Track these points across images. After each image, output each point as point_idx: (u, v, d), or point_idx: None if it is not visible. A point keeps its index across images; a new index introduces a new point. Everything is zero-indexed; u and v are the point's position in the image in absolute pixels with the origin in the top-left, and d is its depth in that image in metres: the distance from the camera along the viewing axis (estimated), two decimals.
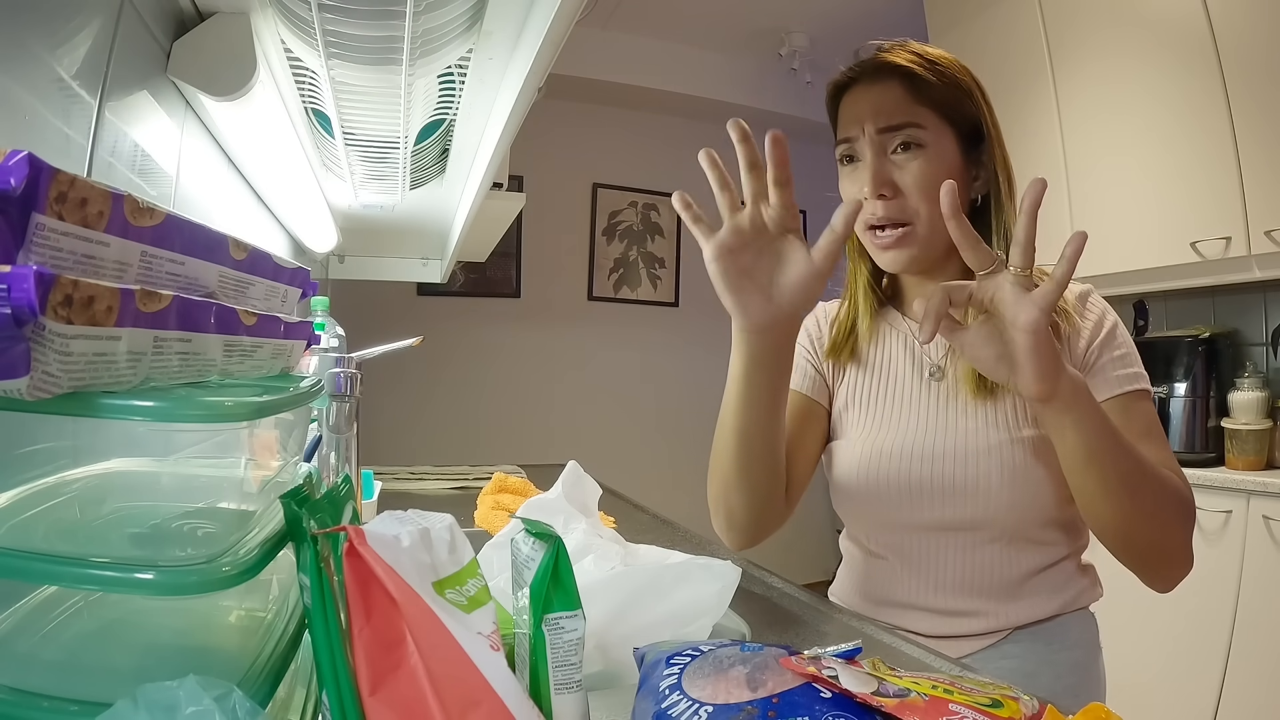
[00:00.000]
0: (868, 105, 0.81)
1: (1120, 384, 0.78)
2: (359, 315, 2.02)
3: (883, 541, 0.86)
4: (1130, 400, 0.78)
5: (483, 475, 1.60)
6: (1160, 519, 0.71)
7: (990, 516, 0.78)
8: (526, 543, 0.43)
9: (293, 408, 0.40)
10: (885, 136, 0.79)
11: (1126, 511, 0.69)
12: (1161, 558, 0.74)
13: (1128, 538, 0.72)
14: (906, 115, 0.79)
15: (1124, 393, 0.78)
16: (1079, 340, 0.80)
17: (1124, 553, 0.73)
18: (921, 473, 0.81)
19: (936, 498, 0.80)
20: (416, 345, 0.97)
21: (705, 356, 3.68)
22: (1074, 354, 0.80)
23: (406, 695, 0.30)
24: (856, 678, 0.38)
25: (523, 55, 0.76)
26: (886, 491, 0.82)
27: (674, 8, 3.08)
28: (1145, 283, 2.06)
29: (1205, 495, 1.77)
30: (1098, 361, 0.79)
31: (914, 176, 0.79)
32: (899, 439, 0.83)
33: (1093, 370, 0.79)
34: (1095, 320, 0.81)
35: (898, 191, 0.79)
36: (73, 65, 0.59)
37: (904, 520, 0.82)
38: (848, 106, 0.83)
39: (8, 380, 0.26)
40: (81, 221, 0.29)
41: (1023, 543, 0.80)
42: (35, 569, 0.31)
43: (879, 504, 0.83)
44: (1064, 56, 2.22)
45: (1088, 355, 0.80)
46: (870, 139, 0.79)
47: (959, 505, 0.79)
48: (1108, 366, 0.79)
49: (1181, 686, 1.78)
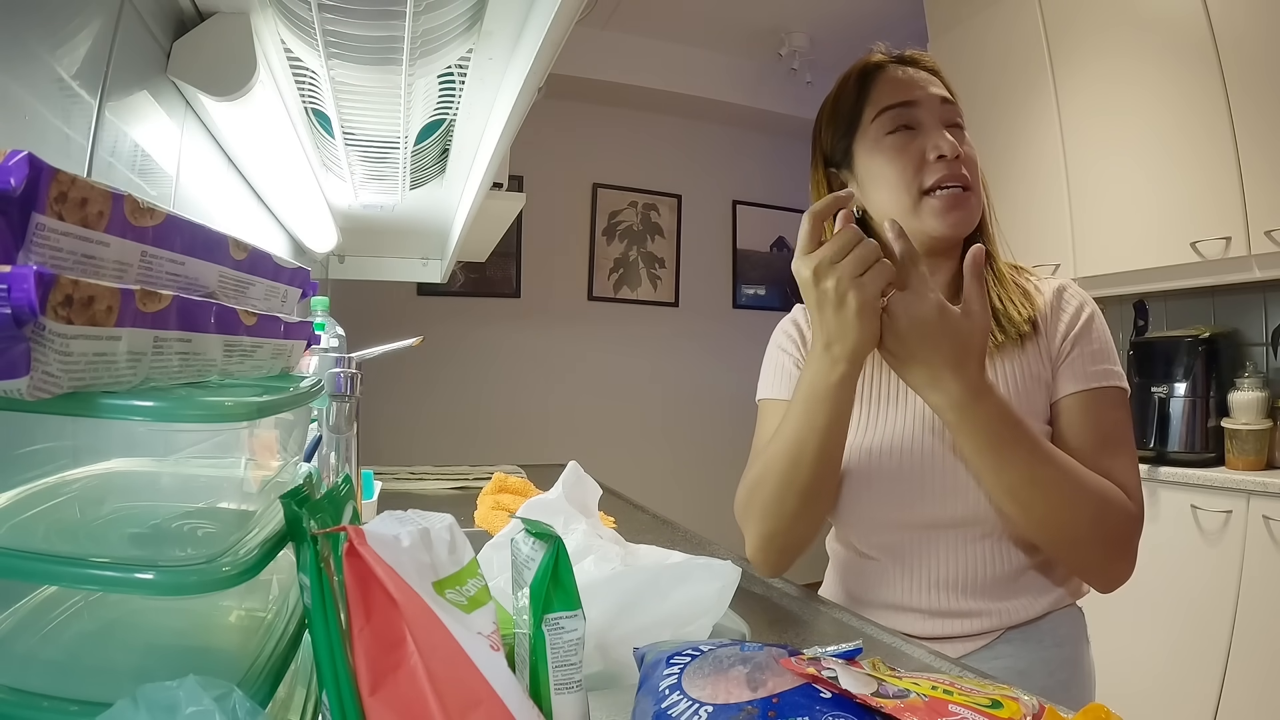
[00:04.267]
0: (920, 78, 0.82)
1: (1089, 379, 0.78)
2: (359, 315, 2.02)
3: (874, 542, 0.85)
4: (1097, 397, 0.78)
5: (483, 475, 1.60)
6: (1074, 525, 0.72)
7: (980, 513, 0.79)
8: (526, 543, 0.43)
9: (293, 408, 0.40)
10: (945, 108, 0.81)
11: (1036, 516, 0.73)
12: (1079, 562, 0.77)
13: (1039, 537, 0.75)
14: (949, 94, 0.82)
15: (1091, 389, 0.78)
16: (1055, 333, 0.81)
17: (1046, 550, 0.77)
18: (911, 470, 0.81)
19: (926, 495, 0.80)
20: (416, 345, 0.97)
21: (705, 356, 3.68)
22: (1050, 348, 0.81)
23: (406, 695, 0.30)
24: (856, 678, 0.38)
25: (523, 55, 0.76)
26: (877, 490, 0.82)
27: (674, 8, 3.08)
28: (1145, 283, 2.06)
29: (1205, 495, 1.78)
30: (1069, 354, 0.80)
31: (968, 152, 0.80)
32: (888, 437, 0.83)
33: (1064, 363, 0.80)
34: (1072, 312, 0.82)
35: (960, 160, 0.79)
36: (73, 65, 0.59)
37: (895, 519, 0.82)
38: (892, 79, 0.82)
39: (8, 380, 0.26)
40: (81, 221, 0.29)
41: (1012, 539, 0.80)
42: (35, 569, 0.31)
43: (870, 503, 0.83)
44: (1064, 56, 2.22)
45: (1062, 347, 0.80)
46: (933, 107, 0.80)
47: (949, 502, 0.79)
48: (1078, 361, 0.79)
49: (1181, 686, 1.78)
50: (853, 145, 0.84)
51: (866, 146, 0.82)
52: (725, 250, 3.88)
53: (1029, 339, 0.81)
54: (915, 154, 0.79)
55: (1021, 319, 0.80)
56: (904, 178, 0.79)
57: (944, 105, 0.81)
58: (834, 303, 0.68)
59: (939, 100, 0.81)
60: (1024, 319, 0.81)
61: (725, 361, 3.73)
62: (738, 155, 3.83)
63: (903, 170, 0.79)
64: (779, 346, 0.94)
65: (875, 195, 0.82)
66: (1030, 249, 2.30)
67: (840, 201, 0.69)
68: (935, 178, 0.78)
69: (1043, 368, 0.81)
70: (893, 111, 0.81)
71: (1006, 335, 0.80)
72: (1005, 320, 0.81)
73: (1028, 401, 0.80)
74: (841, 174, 0.87)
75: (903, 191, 0.79)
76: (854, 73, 0.86)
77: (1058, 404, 0.80)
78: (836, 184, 0.87)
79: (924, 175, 0.78)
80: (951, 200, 0.78)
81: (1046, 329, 0.81)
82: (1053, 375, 0.80)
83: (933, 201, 0.78)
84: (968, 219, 0.79)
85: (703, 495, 3.12)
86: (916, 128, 0.80)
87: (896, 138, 0.80)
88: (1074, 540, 0.74)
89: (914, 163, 0.79)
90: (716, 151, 3.82)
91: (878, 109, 0.82)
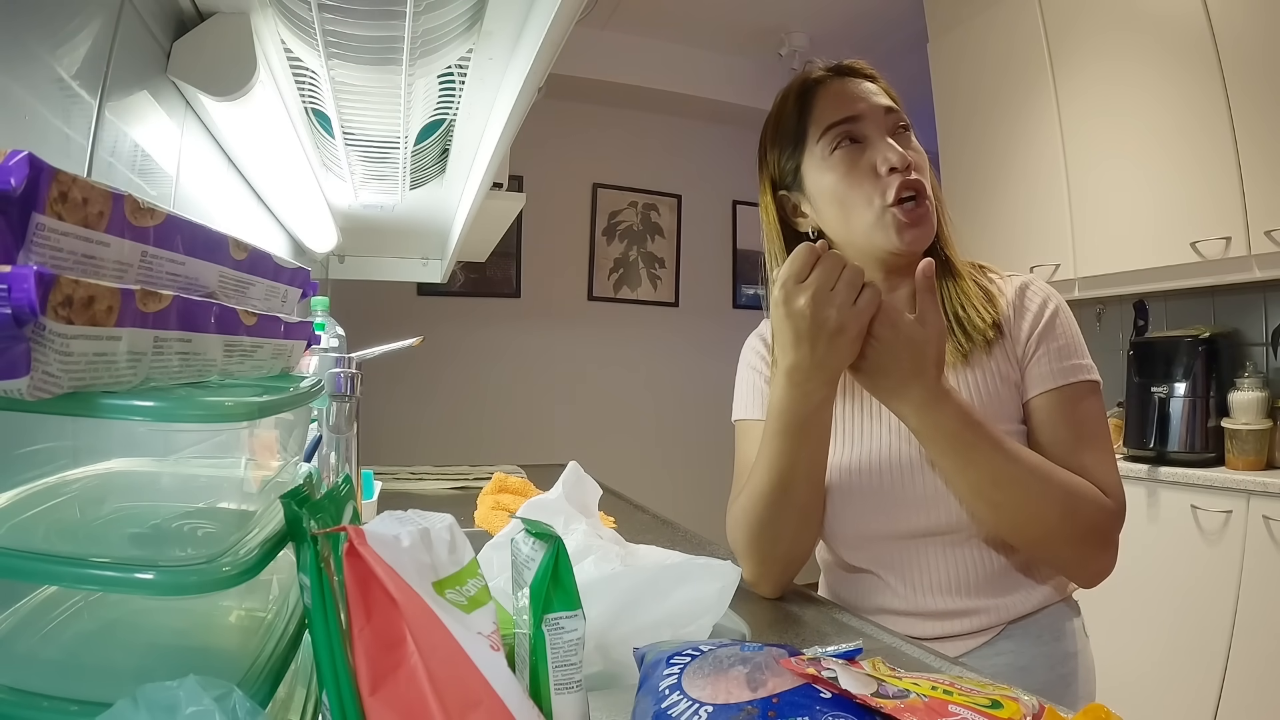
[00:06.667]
0: (860, 90, 0.82)
1: (1056, 377, 0.78)
2: (359, 315, 2.02)
3: (862, 556, 0.85)
4: (1067, 394, 0.78)
5: (483, 475, 1.60)
6: (1044, 521, 0.73)
7: (963, 520, 0.79)
8: (526, 543, 0.43)
9: (293, 408, 0.40)
10: (889, 117, 0.80)
11: (1005, 514, 0.74)
12: (1054, 558, 0.77)
13: (1012, 535, 0.76)
14: (892, 101, 0.82)
15: (1060, 386, 0.78)
16: (1020, 334, 0.81)
17: (1021, 548, 0.78)
18: (891, 483, 0.81)
19: (909, 505, 0.80)
20: (416, 345, 0.97)
21: (705, 357, 3.68)
22: (1016, 349, 0.81)
23: (406, 695, 0.30)
24: (856, 679, 0.38)
25: (523, 55, 0.76)
26: (860, 505, 0.82)
27: (674, 8, 3.08)
28: (1145, 283, 2.06)
29: (1205, 495, 1.78)
30: (1035, 354, 0.80)
31: (917, 156, 0.80)
32: (865, 453, 0.83)
33: (1031, 362, 0.80)
34: (1035, 310, 0.81)
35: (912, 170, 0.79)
36: (73, 65, 0.59)
37: (880, 531, 0.82)
38: (833, 94, 0.82)
39: (8, 380, 0.26)
40: (82, 221, 0.29)
41: (994, 540, 0.80)
42: (35, 569, 0.31)
43: (854, 518, 0.83)
44: (1064, 57, 2.23)
45: (1027, 347, 0.80)
46: (877, 119, 0.80)
47: (932, 511, 0.79)
48: (1044, 359, 0.79)
49: (1181, 686, 1.78)
50: (800, 165, 0.83)
51: (814, 165, 0.82)
52: (725, 250, 3.88)
53: (995, 343, 0.81)
54: (866, 169, 0.79)
55: (986, 324, 0.80)
56: (859, 195, 0.79)
57: (888, 115, 0.80)
58: (830, 332, 0.68)
59: (882, 110, 0.80)
60: (988, 324, 0.80)
61: (725, 361, 3.68)
62: (738, 155, 3.83)
63: (856, 187, 0.79)
64: (751, 366, 0.94)
65: (829, 213, 0.82)
66: (1030, 249, 2.30)
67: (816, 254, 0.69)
68: (891, 190, 0.77)
69: (1011, 369, 0.81)
70: (837, 128, 0.80)
71: (973, 342, 0.80)
72: (970, 327, 0.81)
73: (999, 404, 0.80)
74: (793, 196, 0.86)
75: (862, 207, 0.79)
76: (793, 90, 0.85)
77: (1029, 404, 0.80)
78: (789, 207, 0.87)
79: (878, 190, 0.78)
80: (911, 217, 0.78)
81: (1011, 330, 0.81)
82: (1021, 376, 0.80)
83: (891, 219, 0.78)
84: (928, 233, 0.79)
85: (703, 495, 3.11)
86: (863, 141, 0.80)
87: (844, 154, 0.80)
88: (1046, 537, 0.74)
89: (866, 178, 0.78)
90: (716, 151, 3.81)
91: (822, 127, 0.81)
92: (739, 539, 0.83)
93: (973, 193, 2.50)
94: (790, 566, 0.83)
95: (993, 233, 2.41)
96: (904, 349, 0.69)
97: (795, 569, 0.84)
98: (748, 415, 0.92)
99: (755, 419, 0.90)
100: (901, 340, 0.69)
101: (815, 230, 0.85)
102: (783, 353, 0.72)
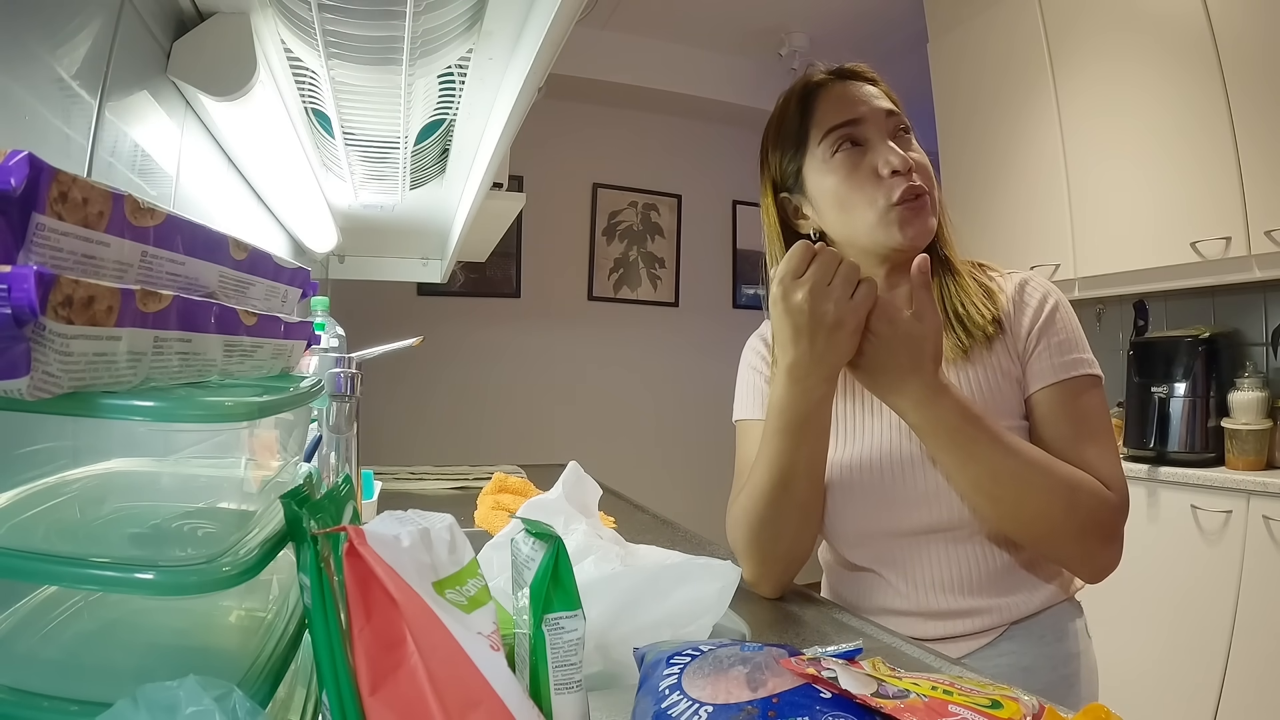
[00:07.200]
0: (862, 93, 0.82)
1: (1057, 371, 0.79)
2: (359, 315, 2.02)
3: (863, 554, 0.85)
4: (1069, 388, 0.78)
5: (483, 475, 1.60)
6: (1046, 516, 0.73)
7: (965, 516, 0.79)
8: (526, 543, 0.43)
9: (293, 408, 0.40)
10: (890, 120, 0.81)
11: (1006, 509, 0.74)
12: (1058, 553, 0.77)
13: (1014, 531, 0.76)
14: (893, 104, 0.82)
15: (1061, 380, 0.78)
16: (1020, 329, 0.81)
17: (1024, 543, 0.78)
18: (891, 480, 0.81)
19: (909, 502, 0.80)
20: (416, 345, 0.97)
21: (705, 357, 3.68)
22: (1017, 345, 0.81)
23: (406, 695, 0.30)
24: (856, 679, 0.38)
25: (523, 55, 0.76)
26: (860, 503, 0.83)
27: (674, 8, 3.08)
28: (1145, 283, 2.06)
29: (1205, 495, 1.78)
30: (1036, 349, 0.80)
31: (919, 158, 0.80)
32: (865, 450, 0.83)
33: (1032, 357, 0.80)
34: (1035, 306, 0.82)
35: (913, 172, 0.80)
36: (73, 65, 0.59)
37: (881, 528, 0.82)
38: (834, 97, 0.82)
39: (8, 380, 0.26)
40: (82, 221, 0.29)
41: (996, 537, 0.80)
42: (35, 569, 0.31)
43: (854, 515, 0.83)
44: (1064, 57, 2.23)
45: (1027, 342, 0.81)
46: (878, 122, 0.80)
47: (933, 508, 0.80)
48: (1045, 354, 0.79)
49: (1181, 686, 1.78)
50: (802, 168, 0.84)
51: (816, 168, 0.82)
52: (725, 250, 3.88)
53: (995, 339, 0.81)
54: (867, 172, 0.79)
55: (986, 320, 0.81)
56: (861, 197, 0.79)
57: (889, 118, 0.81)
58: (829, 327, 0.69)
59: (884, 113, 0.81)
60: (988, 320, 0.81)
61: (725, 361, 3.69)
62: (738, 155, 3.83)
63: (858, 189, 0.79)
64: (752, 367, 0.94)
65: (830, 215, 0.83)
66: (1030, 249, 2.30)
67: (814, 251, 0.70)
68: (897, 192, 0.78)
69: (1012, 365, 0.81)
70: (838, 131, 0.81)
71: (973, 338, 0.81)
72: (970, 324, 0.81)
73: (1000, 400, 0.80)
74: (794, 198, 0.86)
75: (864, 208, 0.79)
76: (794, 93, 0.86)
77: (1031, 399, 0.80)
78: (790, 209, 0.87)
79: (881, 192, 0.78)
80: (912, 213, 0.78)
81: (1011, 326, 0.82)
82: (1023, 371, 0.81)
83: (894, 216, 0.78)
84: (929, 229, 0.80)
85: (703, 495, 3.11)
86: (864, 144, 0.80)
87: (845, 157, 0.80)
88: (1049, 532, 0.74)
89: (868, 181, 0.79)
90: (716, 151, 3.81)
91: (823, 130, 0.81)
92: (739, 538, 0.83)
93: (973, 193, 2.50)
94: (791, 566, 0.83)
95: (993, 233, 2.41)
96: (901, 345, 0.70)
97: (795, 569, 0.84)
98: (748, 415, 0.92)
99: (756, 419, 0.90)
100: (899, 336, 0.70)
101: (816, 232, 0.85)
102: (782, 350, 0.73)
